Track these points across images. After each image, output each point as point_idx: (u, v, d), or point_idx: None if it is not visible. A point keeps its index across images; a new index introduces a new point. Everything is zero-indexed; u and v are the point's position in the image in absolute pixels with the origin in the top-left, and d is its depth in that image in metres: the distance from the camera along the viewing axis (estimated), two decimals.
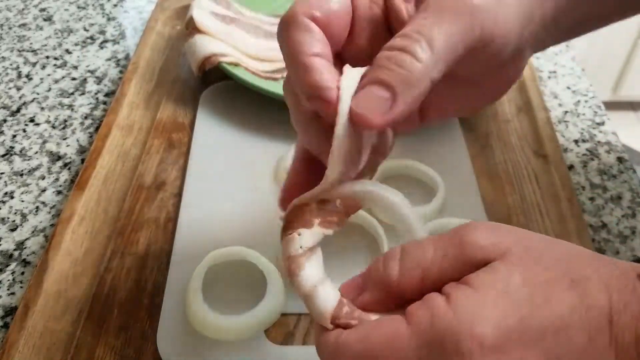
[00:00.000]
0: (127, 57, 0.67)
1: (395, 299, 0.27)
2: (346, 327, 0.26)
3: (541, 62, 0.66)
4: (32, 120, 0.59)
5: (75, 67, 0.65)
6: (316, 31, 0.29)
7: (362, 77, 0.28)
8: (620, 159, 0.54)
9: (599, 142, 0.56)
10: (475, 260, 0.25)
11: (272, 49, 0.62)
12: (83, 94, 0.62)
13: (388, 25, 0.32)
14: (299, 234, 0.28)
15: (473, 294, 0.24)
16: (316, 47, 0.29)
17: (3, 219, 0.49)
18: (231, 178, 0.50)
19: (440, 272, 0.26)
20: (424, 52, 0.27)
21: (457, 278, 0.25)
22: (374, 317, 0.26)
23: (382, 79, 0.27)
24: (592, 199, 0.51)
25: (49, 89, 0.63)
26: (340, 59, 0.32)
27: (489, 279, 0.24)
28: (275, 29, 0.63)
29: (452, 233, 0.26)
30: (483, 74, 0.33)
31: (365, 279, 0.28)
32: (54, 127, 0.58)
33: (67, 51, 0.68)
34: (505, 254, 0.25)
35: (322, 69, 0.28)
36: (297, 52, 0.29)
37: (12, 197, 0.51)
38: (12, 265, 0.46)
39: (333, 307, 0.26)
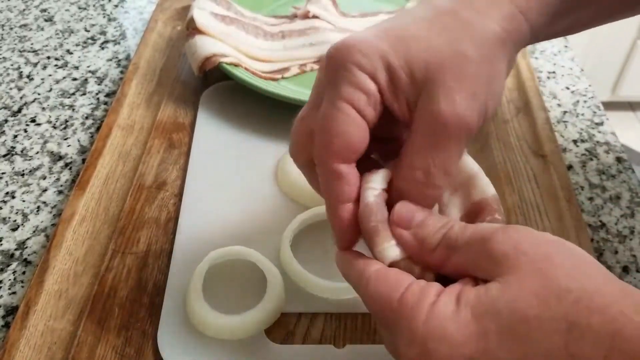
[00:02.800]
0: (127, 58, 0.67)
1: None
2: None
3: (540, 62, 0.66)
4: (33, 120, 0.59)
5: (76, 68, 0.66)
6: (348, 176, 0.32)
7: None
8: (619, 159, 0.55)
9: (597, 142, 0.56)
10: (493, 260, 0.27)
11: (272, 49, 0.62)
12: (84, 94, 0.62)
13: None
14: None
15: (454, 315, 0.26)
16: (346, 194, 0.32)
17: (4, 218, 0.49)
18: (231, 178, 0.51)
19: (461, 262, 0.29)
20: (443, 181, 0.32)
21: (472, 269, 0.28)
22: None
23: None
24: (591, 199, 0.51)
25: (50, 89, 0.63)
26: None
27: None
28: (275, 29, 0.64)
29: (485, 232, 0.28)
30: None
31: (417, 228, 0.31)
32: (55, 127, 0.58)
33: (68, 51, 0.68)
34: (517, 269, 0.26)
35: (346, 220, 0.32)
36: (331, 197, 0.33)
37: (13, 197, 0.51)
38: (14, 265, 0.46)
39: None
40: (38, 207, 0.50)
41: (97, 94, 0.62)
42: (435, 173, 0.31)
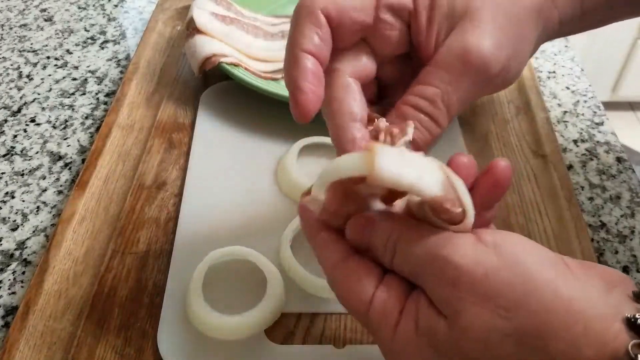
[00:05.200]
0: (127, 58, 0.67)
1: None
2: None
3: (540, 62, 0.66)
4: (33, 120, 0.59)
5: (76, 68, 0.66)
6: (323, 28, 0.31)
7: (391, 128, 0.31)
8: (619, 159, 0.55)
9: (598, 142, 0.56)
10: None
11: (272, 49, 0.62)
12: (84, 94, 0.62)
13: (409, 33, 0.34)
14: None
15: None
16: (313, 44, 0.30)
17: (4, 218, 0.49)
18: (231, 178, 0.50)
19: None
20: (444, 119, 0.32)
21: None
22: None
23: (413, 139, 0.31)
24: (591, 198, 0.51)
25: (50, 89, 0.63)
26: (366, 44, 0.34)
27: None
28: (275, 29, 0.64)
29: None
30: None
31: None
32: (54, 127, 0.58)
33: (68, 51, 0.68)
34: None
35: (307, 70, 0.30)
36: (294, 42, 0.31)
37: (13, 197, 0.51)
38: (13, 265, 0.46)
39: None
40: (38, 207, 0.50)
41: (97, 93, 0.62)
42: (440, 106, 0.31)
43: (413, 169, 0.25)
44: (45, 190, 0.52)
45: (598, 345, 0.23)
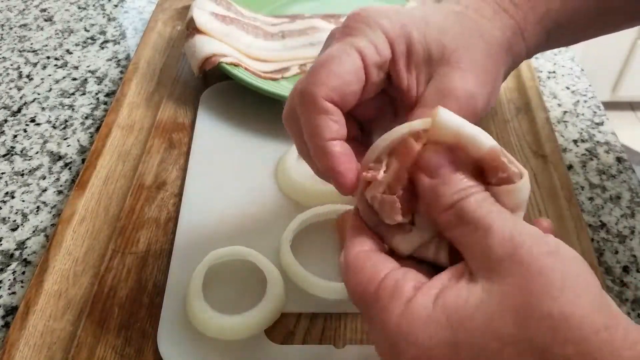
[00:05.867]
0: (127, 58, 0.67)
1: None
2: None
3: (540, 62, 0.66)
4: (32, 120, 0.59)
5: (76, 68, 0.66)
6: (335, 113, 0.31)
7: None
8: (619, 159, 0.55)
9: (598, 142, 0.56)
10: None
11: (272, 49, 0.62)
12: (84, 94, 0.62)
13: (389, 90, 0.35)
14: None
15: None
16: (334, 130, 0.31)
17: (4, 218, 0.49)
18: (231, 178, 0.50)
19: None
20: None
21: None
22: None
23: None
24: (591, 198, 0.51)
25: (50, 89, 0.63)
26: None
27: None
28: (275, 29, 0.64)
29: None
30: None
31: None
32: (54, 127, 0.58)
33: (68, 51, 0.68)
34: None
35: (339, 154, 0.31)
36: (316, 136, 0.31)
37: (13, 197, 0.51)
38: (13, 265, 0.46)
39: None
40: (38, 207, 0.50)
41: (96, 93, 0.62)
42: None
43: (471, 125, 0.27)
44: (45, 190, 0.52)
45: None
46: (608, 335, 0.23)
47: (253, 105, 0.57)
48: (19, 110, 0.60)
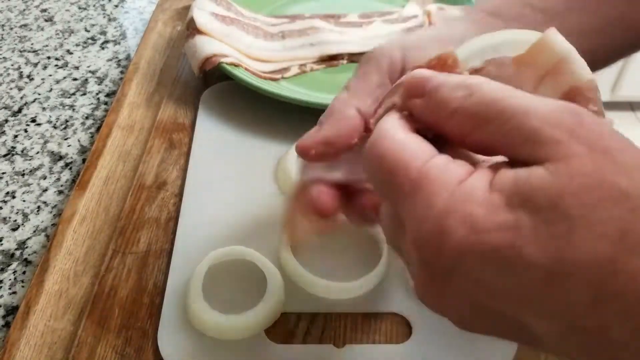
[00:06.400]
0: (128, 58, 0.67)
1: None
2: None
3: None
4: (33, 120, 0.59)
5: (77, 68, 0.66)
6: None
7: None
8: None
9: None
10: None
11: (272, 49, 0.62)
12: (84, 94, 0.62)
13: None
14: None
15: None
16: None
17: (5, 218, 0.49)
18: (232, 178, 0.51)
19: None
20: None
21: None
22: None
23: None
24: None
25: (50, 90, 0.63)
26: None
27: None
28: (275, 29, 0.64)
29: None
30: None
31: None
32: (55, 127, 0.58)
33: (68, 52, 0.68)
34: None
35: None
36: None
37: (13, 197, 0.51)
38: (14, 265, 0.46)
39: None
40: (38, 207, 0.50)
41: (97, 94, 0.62)
42: None
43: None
44: (45, 190, 0.52)
45: None
46: None
47: (253, 106, 0.57)
48: (20, 110, 0.60)
